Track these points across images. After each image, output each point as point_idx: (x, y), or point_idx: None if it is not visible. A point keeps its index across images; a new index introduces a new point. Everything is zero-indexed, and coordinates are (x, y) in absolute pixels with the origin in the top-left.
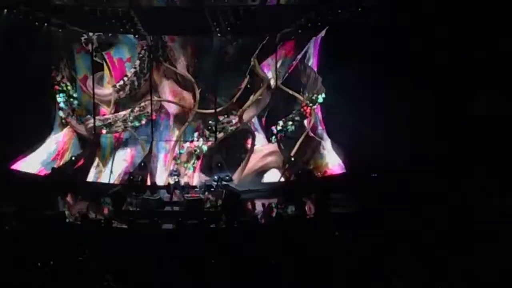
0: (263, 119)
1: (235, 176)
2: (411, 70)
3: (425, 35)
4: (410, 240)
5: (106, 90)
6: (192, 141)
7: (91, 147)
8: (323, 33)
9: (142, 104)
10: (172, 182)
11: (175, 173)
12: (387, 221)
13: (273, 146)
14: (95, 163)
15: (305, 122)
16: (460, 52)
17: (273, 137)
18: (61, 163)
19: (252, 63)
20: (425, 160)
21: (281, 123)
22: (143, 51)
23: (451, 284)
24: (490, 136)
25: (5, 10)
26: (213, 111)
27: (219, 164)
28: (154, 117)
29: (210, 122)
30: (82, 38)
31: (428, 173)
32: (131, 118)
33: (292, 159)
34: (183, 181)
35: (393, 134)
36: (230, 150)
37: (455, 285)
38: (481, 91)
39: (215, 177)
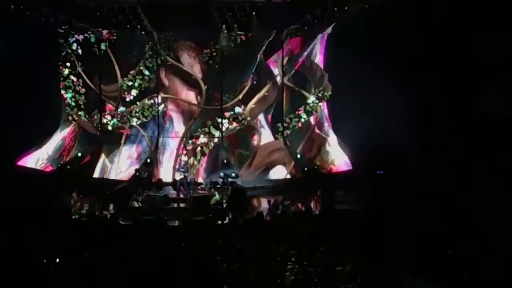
0: (269, 116)
1: (241, 173)
2: (418, 68)
3: (432, 32)
4: (412, 239)
5: (112, 86)
6: (198, 138)
7: (97, 143)
8: (329, 29)
9: (149, 100)
10: (178, 178)
11: (182, 169)
12: (391, 219)
13: (279, 143)
14: (101, 160)
15: (311, 118)
16: (467, 50)
17: (279, 134)
18: (68, 159)
19: (258, 59)
20: (430, 158)
21: (287, 119)
22: (149, 48)
23: (452, 284)
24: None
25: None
26: (219, 108)
27: (225, 161)
28: (160, 114)
29: (216, 118)
30: (89, 35)
31: (433, 171)
32: (137, 114)
33: (298, 156)
34: (189, 177)
35: (398, 131)
36: (236, 147)
37: (455, 285)
38: (487, 90)
39: (221, 174)
